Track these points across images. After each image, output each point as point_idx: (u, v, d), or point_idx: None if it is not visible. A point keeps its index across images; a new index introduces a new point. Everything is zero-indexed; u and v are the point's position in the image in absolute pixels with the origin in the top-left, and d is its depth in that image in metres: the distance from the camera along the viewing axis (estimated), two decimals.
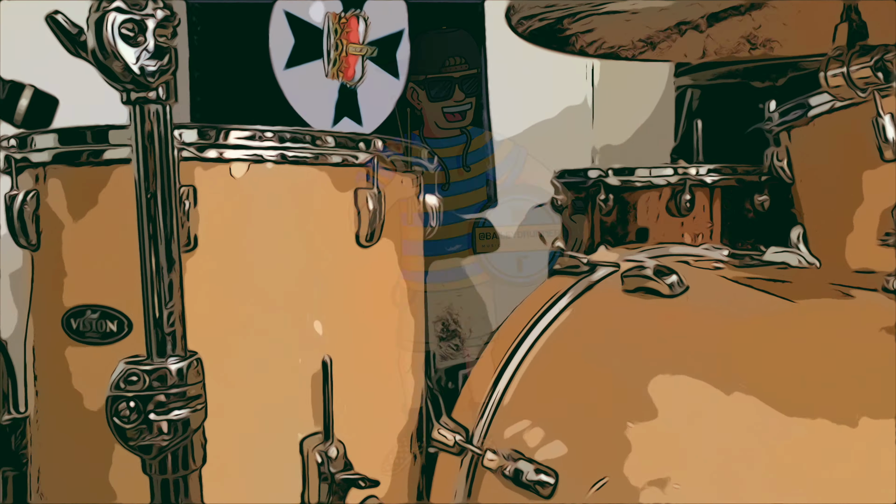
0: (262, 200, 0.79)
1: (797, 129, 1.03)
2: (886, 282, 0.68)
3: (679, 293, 0.81)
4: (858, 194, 0.92)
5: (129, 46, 0.44)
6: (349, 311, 0.83)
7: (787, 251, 0.94)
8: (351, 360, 0.82)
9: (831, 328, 0.73)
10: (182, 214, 0.70)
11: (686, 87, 1.70)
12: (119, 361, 0.49)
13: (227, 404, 0.76)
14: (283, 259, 0.78)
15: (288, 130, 0.78)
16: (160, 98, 0.47)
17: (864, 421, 0.62)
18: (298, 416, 0.79)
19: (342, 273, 0.82)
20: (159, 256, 0.48)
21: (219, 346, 0.76)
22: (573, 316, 0.88)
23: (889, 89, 0.80)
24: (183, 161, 0.73)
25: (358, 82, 1.46)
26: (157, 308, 0.49)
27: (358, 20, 1.45)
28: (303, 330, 0.80)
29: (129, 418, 0.47)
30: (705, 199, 1.20)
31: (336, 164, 0.81)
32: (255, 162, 0.77)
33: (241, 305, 0.77)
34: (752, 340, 0.74)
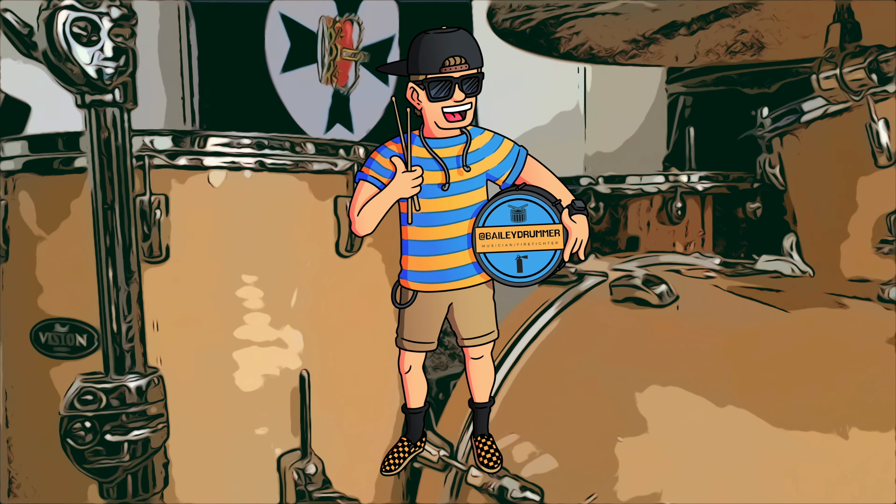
0: (239, 209, 0.76)
1: (789, 136, 1.01)
2: (882, 291, 0.66)
3: (669, 303, 0.79)
4: (852, 201, 0.91)
5: (81, 46, 0.42)
6: (330, 322, 0.80)
7: (779, 259, 0.93)
8: (332, 372, 0.80)
9: (825, 339, 0.71)
10: (153, 224, 0.67)
11: (678, 93, 1.69)
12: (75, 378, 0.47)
13: (202, 419, 0.74)
14: (261, 269, 0.76)
15: (266, 137, 0.76)
16: (117, 101, 0.44)
17: (859, 434, 0.60)
18: (276, 431, 0.76)
19: (322, 284, 0.79)
20: (117, 268, 0.46)
21: (193, 359, 0.74)
22: (561, 327, 0.86)
23: (883, 92, 0.78)
24: (155, 169, 0.70)
25: (351, 88, 1.45)
26: (115, 322, 0.46)
27: (352, 25, 1.43)
28: (281, 342, 0.77)
29: (84, 439, 0.45)
30: (697, 207, 1.19)
31: (316, 171, 0.78)
32: (232, 169, 0.75)
33: (217, 316, 0.75)
34: (745, 351, 0.72)
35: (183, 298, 0.72)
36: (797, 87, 0.95)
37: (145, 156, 0.68)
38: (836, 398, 0.64)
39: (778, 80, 1.45)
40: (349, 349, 0.83)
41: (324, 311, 0.79)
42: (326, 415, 0.78)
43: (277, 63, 1.36)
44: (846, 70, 0.71)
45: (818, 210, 1.00)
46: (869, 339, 0.66)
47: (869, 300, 0.70)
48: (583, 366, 0.82)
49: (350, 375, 0.83)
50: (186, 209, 0.73)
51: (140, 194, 0.68)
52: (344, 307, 0.81)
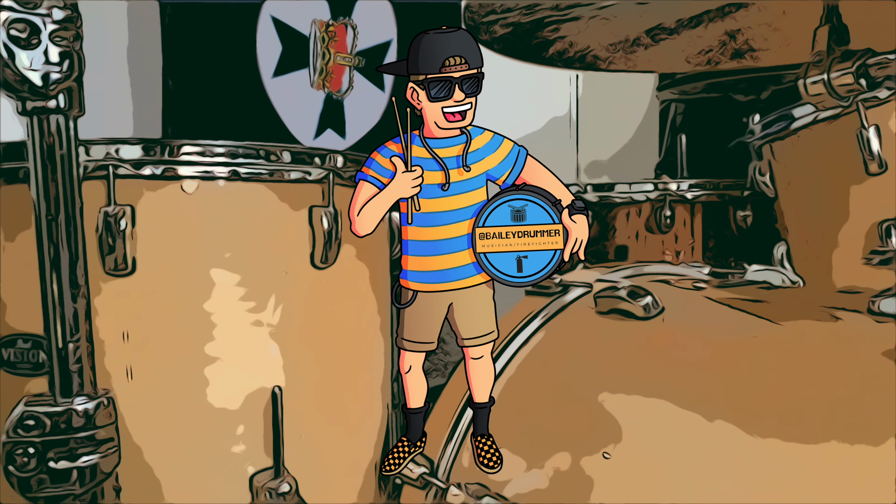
0: (211, 219, 0.74)
1: (780, 143, 0.99)
2: (871, 304, 0.64)
3: (654, 315, 0.77)
4: (843, 209, 0.89)
5: (21, 49, 0.39)
6: (305, 336, 0.77)
7: (769, 269, 0.91)
8: (309, 388, 0.77)
9: (814, 351, 0.69)
10: (117, 235, 0.65)
11: (670, 100, 1.67)
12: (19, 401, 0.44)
13: (173, 437, 0.72)
14: (233, 282, 0.74)
15: (241, 146, 0.74)
16: (61, 108, 0.42)
17: (851, 450, 0.58)
18: (249, 449, 0.74)
19: (297, 296, 0.76)
20: (62, 283, 0.43)
21: (162, 375, 0.71)
22: (545, 339, 0.84)
23: (874, 98, 0.76)
24: (121, 179, 0.68)
25: (345, 93, 1.42)
26: (62, 341, 0.44)
27: (346, 29, 1.41)
28: (255, 357, 0.75)
29: (26, 466, 0.42)
30: (686, 215, 1.16)
31: (291, 180, 0.76)
32: (204, 179, 0.73)
33: (186, 331, 0.72)
34: (732, 364, 0.70)
35: (151, 313, 0.70)
36: (790, 94, 0.93)
37: (109, 165, 0.66)
38: (824, 413, 0.62)
39: (770, 87, 1.43)
40: (330, 362, 0.80)
41: (299, 324, 0.77)
42: (302, 431, 0.76)
43: (269, 67, 1.34)
44: (834, 75, 0.69)
45: (809, 218, 0.99)
46: (858, 352, 0.64)
47: (859, 312, 0.68)
48: (567, 380, 0.80)
49: (330, 389, 0.81)
50: (156, 220, 0.71)
51: (104, 205, 0.66)
52: (320, 321, 0.79)
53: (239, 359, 0.73)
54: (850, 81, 0.70)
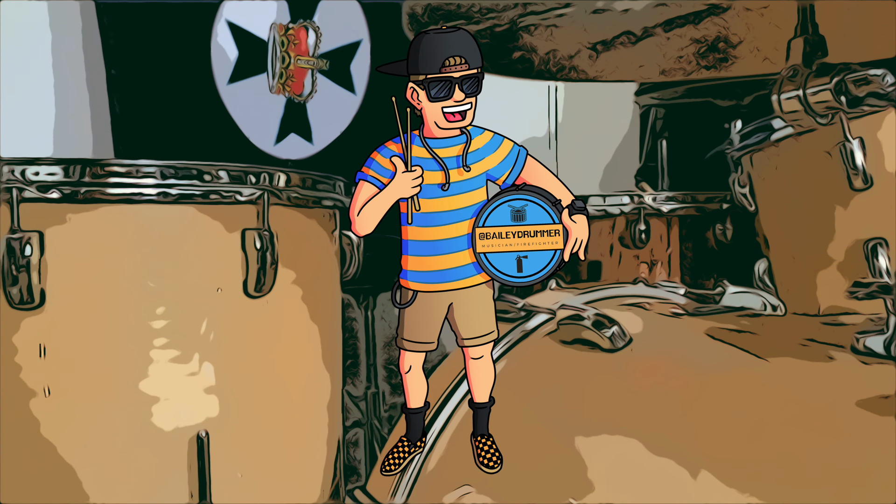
0: (134, 246, 0.68)
1: (760, 154, 0.94)
2: (856, 341, 0.58)
3: (621, 347, 0.71)
4: (827, 226, 0.85)
5: None
6: (238, 371, 0.71)
7: (748, 292, 0.85)
8: (243, 426, 0.72)
9: (794, 386, 0.63)
10: (21, 265, 0.58)
11: (650, 105, 1.63)
12: None
13: (95, 482, 0.66)
14: (157, 314, 0.67)
15: (172, 165, 0.69)
16: None
17: None
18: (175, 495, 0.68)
19: (229, 328, 0.70)
20: None
21: (76, 416, 0.65)
22: (507, 368, 0.78)
23: (859, 110, 0.70)
24: (27, 202, 0.61)
25: (308, 97, 1.37)
26: None
27: (307, 31, 1.37)
28: (182, 395, 0.69)
29: None
30: (663, 229, 1.11)
31: (225, 202, 0.70)
32: (128, 202, 0.67)
33: (103, 369, 0.66)
34: (707, 402, 0.65)
35: (59, 349, 0.63)
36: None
37: (13, 188, 0.59)
38: (800, 457, 0.57)
39: (751, 93, 1.38)
40: (266, 398, 0.74)
41: (232, 358, 0.71)
42: (236, 470, 0.70)
43: (224, 74, 1.28)
44: (810, 91, 0.63)
45: (791, 234, 0.94)
46: (839, 395, 0.59)
47: (841, 348, 0.62)
48: (529, 413, 0.74)
49: (268, 425, 0.75)
50: (71, 247, 0.65)
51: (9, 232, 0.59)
52: (257, 353, 0.73)
53: (163, 401, 0.67)
54: (827, 98, 0.64)
